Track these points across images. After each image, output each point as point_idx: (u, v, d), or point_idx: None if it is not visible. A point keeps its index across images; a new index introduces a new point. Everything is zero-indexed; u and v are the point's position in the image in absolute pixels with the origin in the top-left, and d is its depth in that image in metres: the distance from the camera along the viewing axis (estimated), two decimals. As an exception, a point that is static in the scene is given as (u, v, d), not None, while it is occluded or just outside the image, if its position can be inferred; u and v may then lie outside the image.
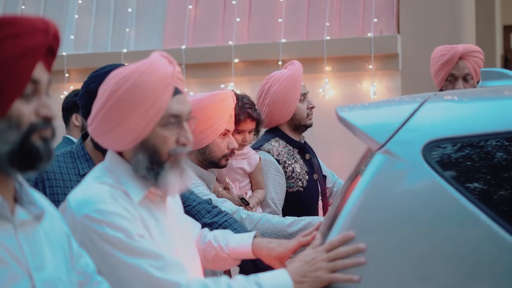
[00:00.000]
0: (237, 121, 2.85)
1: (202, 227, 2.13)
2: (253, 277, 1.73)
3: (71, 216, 1.68)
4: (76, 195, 1.73)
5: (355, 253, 1.66)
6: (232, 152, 2.69)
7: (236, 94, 2.91)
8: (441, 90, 3.51)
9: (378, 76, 5.13)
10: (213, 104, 2.59)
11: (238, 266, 2.33)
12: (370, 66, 5.09)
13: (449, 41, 3.88)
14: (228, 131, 2.67)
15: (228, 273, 2.70)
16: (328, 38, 5.20)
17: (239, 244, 2.02)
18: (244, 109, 2.91)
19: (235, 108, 2.74)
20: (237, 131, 2.90)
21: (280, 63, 5.18)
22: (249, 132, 2.97)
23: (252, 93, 3.13)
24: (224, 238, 2.04)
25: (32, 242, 1.36)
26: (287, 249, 1.96)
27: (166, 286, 1.66)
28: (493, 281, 1.59)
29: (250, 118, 2.93)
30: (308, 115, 3.11)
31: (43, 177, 2.22)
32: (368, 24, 5.21)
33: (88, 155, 2.27)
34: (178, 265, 1.70)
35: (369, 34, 5.14)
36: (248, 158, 2.99)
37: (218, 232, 2.09)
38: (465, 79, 3.47)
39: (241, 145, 2.96)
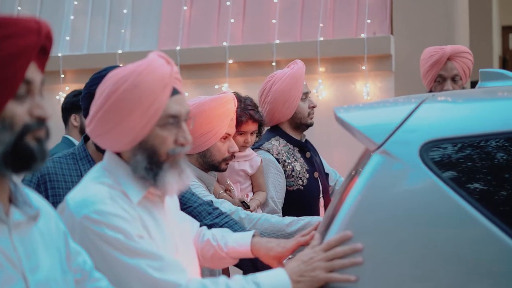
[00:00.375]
0: (239, 123, 2.86)
1: (202, 228, 2.14)
2: (251, 276, 1.74)
3: (70, 217, 1.68)
4: (74, 195, 1.73)
5: (352, 253, 1.67)
6: (232, 155, 2.68)
7: (238, 96, 2.92)
8: (430, 91, 3.55)
9: (372, 77, 5.15)
10: (214, 107, 2.59)
11: (239, 267, 2.34)
12: (363, 67, 5.10)
13: (442, 42, 3.91)
14: (229, 134, 2.66)
15: (226, 272, 2.71)
16: (321, 39, 5.21)
17: (238, 243, 2.03)
18: (246, 110, 2.91)
19: (237, 110, 2.74)
20: (239, 132, 2.90)
21: (274, 64, 5.19)
22: (251, 133, 2.97)
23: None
24: (222, 237, 2.05)
25: (26, 243, 1.36)
26: (285, 249, 1.97)
27: (165, 286, 1.66)
28: (490, 281, 1.59)
29: (252, 119, 2.93)
30: (309, 114, 3.13)
31: (45, 179, 2.22)
32: (362, 25, 5.22)
33: (90, 156, 2.28)
34: (177, 265, 1.71)
35: (363, 35, 5.15)
36: (250, 160, 2.99)
37: (216, 231, 2.09)
38: (453, 79, 3.51)
39: (243, 147, 2.96)
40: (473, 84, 5.73)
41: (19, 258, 1.33)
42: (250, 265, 2.19)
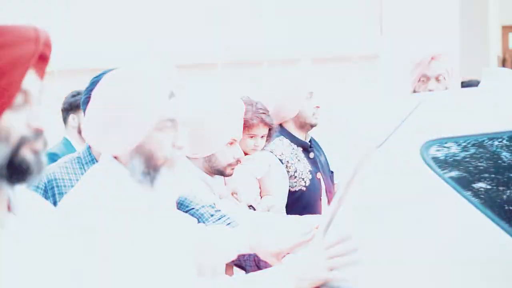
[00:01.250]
0: (250, 125, 2.88)
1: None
2: (251, 275, 1.75)
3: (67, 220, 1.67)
4: (71, 200, 1.72)
5: (352, 252, 1.68)
6: (237, 161, 2.69)
7: (249, 100, 2.93)
8: (414, 91, 3.57)
9: (361, 77, 5.18)
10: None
11: (241, 267, 2.34)
12: (353, 67, 5.13)
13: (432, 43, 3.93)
14: (235, 140, 2.66)
15: (229, 271, 2.70)
16: (312, 39, 5.23)
17: (238, 240, 2.02)
18: (258, 114, 2.92)
19: (248, 113, 2.76)
20: (249, 135, 2.93)
21: (266, 64, 5.21)
22: (261, 137, 2.98)
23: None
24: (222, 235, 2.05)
25: None
26: (286, 247, 1.97)
27: None
28: (491, 282, 1.59)
29: (263, 123, 2.94)
30: (313, 113, 3.14)
31: (52, 184, 2.24)
32: (352, 26, 5.25)
33: (96, 160, 2.27)
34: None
35: (352, 36, 5.18)
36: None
37: (215, 228, 2.09)
38: (437, 79, 3.53)
39: (253, 150, 2.98)
40: (463, 84, 5.74)
41: None
42: (253, 265, 2.20)
